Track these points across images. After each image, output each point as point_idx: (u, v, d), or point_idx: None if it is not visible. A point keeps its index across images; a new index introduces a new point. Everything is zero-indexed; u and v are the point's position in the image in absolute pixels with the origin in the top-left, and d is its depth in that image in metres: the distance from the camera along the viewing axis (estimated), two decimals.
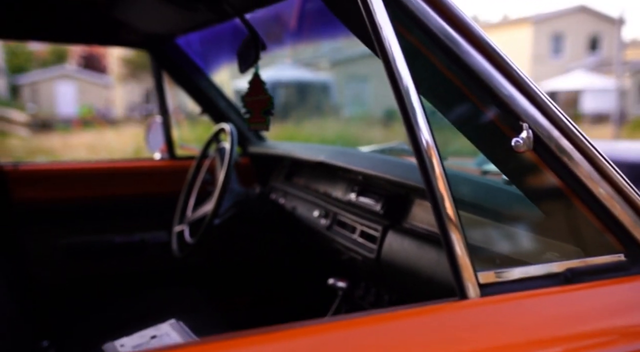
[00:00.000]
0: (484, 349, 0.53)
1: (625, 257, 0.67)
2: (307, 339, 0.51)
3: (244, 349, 0.49)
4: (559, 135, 0.65)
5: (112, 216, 1.75)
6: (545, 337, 0.57)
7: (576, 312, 0.61)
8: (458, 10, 0.63)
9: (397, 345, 0.52)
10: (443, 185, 0.59)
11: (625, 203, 0.66)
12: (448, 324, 0.56)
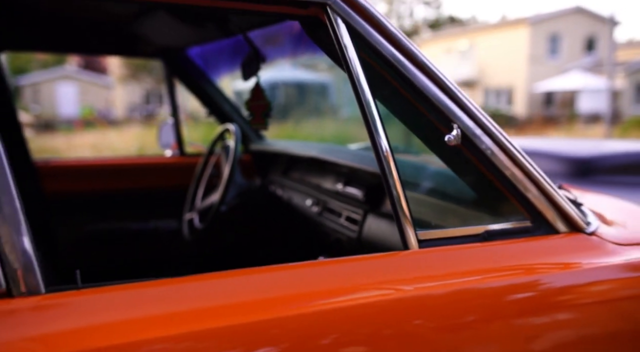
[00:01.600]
0: (416, 280, 0.76)
1: (530, 223, 0.90)
2: (296, 270, 0.74)
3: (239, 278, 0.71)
4: (481, 133, 0.88)
5: (129, 206, 1.98)
6: (465, 275, 0.80)
7: (490, 260, 0.84)
8: (404, 40, 0.86)
9: (358, 277, 0.75)
10: (393, 169, 0.82)
11: (531, 183, 0.90)
12: (392, 266, 0.79)
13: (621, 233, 0.97)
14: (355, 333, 0.70)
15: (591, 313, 0.84)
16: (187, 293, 0.66)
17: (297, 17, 0.86)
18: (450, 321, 0.76)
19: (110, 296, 0.64)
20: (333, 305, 0.70)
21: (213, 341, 0.63)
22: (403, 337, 0.72)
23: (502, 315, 0.78)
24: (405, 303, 0.74)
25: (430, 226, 0.85)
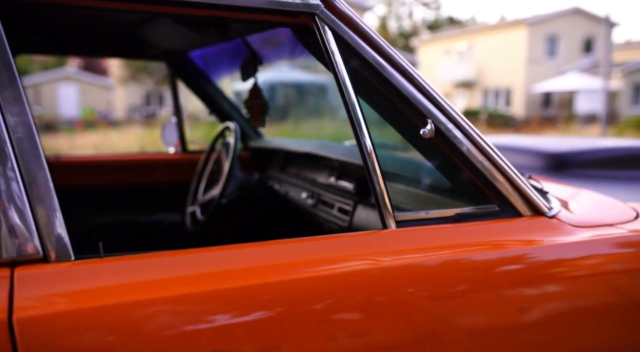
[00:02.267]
0: (393, 253, 0.88)
1: (497, 207, 1.02)
2: (290, 244, 0.86)
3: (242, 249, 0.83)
4: (453, 127, 0.99)
5: (135, 200, 2.09)
6: (436, 250, 0.91)
7: (459, 237, 0.95)
8: (385, 46, 0.98)
9: (343, 249, 0.86)
10: (374, 159, 0.93)
11: (498, 171, 1.01)
12: (373, 242, 0.90)
13: (579, 217, 1.09)
14: (336, 296, 0.81)
15: (550, 285, 0.96)
16: (191, 262, 0.78)
17: (289, 24, 0.98)
18: (424, 289, 0.87)
19: (127, 263, 0.75)
20: (321, 272, 0.82)
21: (212, 302, 0.74)
22: (376, 298, 0.83)
23: (468, 284, 0.89)
24: (383, 272, 0.85)
25: (408, 210, 0.96)
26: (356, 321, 0.82)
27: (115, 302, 0.69)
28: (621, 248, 1.04)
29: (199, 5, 0.88)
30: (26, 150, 0.72)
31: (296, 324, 0.77)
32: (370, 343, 0.82)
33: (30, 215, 0.71)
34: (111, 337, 0.68)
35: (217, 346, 0.72)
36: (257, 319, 0.76)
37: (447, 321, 0.87)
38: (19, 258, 0.69)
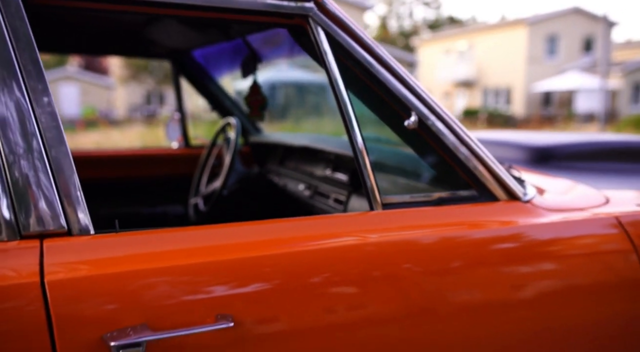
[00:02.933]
0: (379, 231, 0.97)
1: (476, 192, 1.11)
2: (286, 223, 0.95)
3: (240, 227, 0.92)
4: (435, 119, 1.08)
5: (139, 192, 2.19)
6: (417, 228, 1.01)
7: (439, 218, 1.04)
8: (373, 46, 1.07)
9: (334, 227, 0.96)
10: (363, 150, 1.02)
11: (477, 160, 1.10)
12: (362, 221, 1.00)
13: (552, 202, 1.18)
14: (328, 267, 0.90)
15: (522, 263, 1.05)
16: (197, 236, 0.87)
17: (285, 25, 1.07)
18: (407, 262, 0.96)
19: (140, 237, 0.85)
20: (315, 247, 0.91)
21: (214, 271, 0.84)
22: (362, 269, 0.93)
23: (446, 259, 0.99)
24: (370, 247, 0.95)
25: (393, 192, 1.06)
26: (344, 290, 0.91)
27: (129, 270, 0.79)
28: (588, 229, 1.13)
29: (203, 8, 0.97)
30: (52, 138, 0.82)
31: (291, 289, 0.87)
32: (355, 308, 0.92)
33: (57, 195, 0.80)
34: (125, 298, 0.77)
35: (219, 310, 0.82)
36: (258, 289, 0.85)
37: (425, 292, 0.96)
38: (47, 231, 0.79)
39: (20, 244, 0.77)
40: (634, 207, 1.22)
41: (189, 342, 0.79)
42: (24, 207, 0.78)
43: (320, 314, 0.89)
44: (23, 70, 0.82)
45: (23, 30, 0.83)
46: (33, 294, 0.72)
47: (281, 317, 0.87)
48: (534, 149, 1.75)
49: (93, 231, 0.83)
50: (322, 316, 0.89)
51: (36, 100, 0.82)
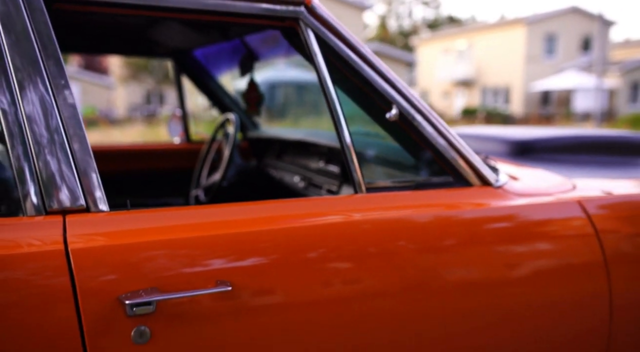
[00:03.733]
0: (363, 210, 1.09)
1: (452, 179, 1.23)
2: (280, 203, 1.07)
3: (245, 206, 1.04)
4: (414, 112, 1.20)
5: (144, 184, 2.30)
6: (397, 209, 1.12)
7: (417, 200, 1.16)
8: (358, 45, 1.18)
9: (323, 207, 1.07)
10: (348, 140, 1.14)
11: (452, 149, 1.22)
12: (348, 202, 1.11)
13: (522, 188, 1.30)
14: (317, 241, 1.02)
15: (492, 242, 1.17)
16: (201, 214, 0.99)
17: (277, 27, 1.18)
18: (387, 238, 1.08)
19: (149, 214, 0.97)
20: (305, 223, 1.03)
21: (213, 244, 0.95)
22: (346, 243, 1.04)
23: (421, 235, 1.11)
24: (354, 224, 1.06)
25: (367, 178, 1.17)
26: (332, 261, 1.02)
27: (139, 241, 0.90)
28: (552, 212, 1.25)
29: (203, 12, 1.09)
30: (72, 128, 0.93)
31: (283, 258, 0.98)
32: (338, 277, 1.03)
33: (77, 178, 0.92)
34: (138, 265, 0.89)
35: (219, 277, 0.93)
36: (254, 258, 0.97)
37: (402, 266, 1.08)
38: (69, 208, 0.90)
39: (46, 219, 0.89)
40: (597, 193, 1.33)
41: (193, 303, 0.90)
42: (49, 188, 0.89)
43: (307, 281, 1.01)
44: (47, 69, 0.93)
45: (47, 32, 0.94)
46: (59, 260, 0.84)
47: (274, 284, 0.98)
48: (515, 142, 1.87)
49: (108, 208, 0.94)
50: (308, 282, 1.01)
51: (59, 95, 0.94)
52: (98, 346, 0.85)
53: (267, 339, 0.97)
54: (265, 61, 1.86)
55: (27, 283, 0.83)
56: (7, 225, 0.88)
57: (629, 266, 1.27)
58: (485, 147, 1.93)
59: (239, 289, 0.94)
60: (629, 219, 1.30)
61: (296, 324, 0.99)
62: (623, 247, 1.26)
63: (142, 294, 0.86)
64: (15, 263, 0.83)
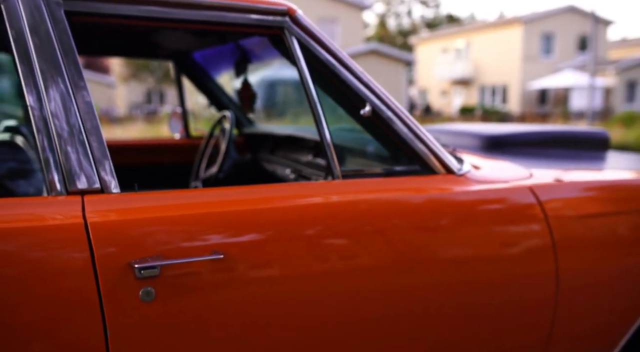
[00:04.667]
0: (339, 193, 1.26)
1: (419, 168, 1.40)
2: (270, 187, 1.24)
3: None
4: (385, 108, 1.37)
5: (146, 177, 2.47)
6: (369, 193, 1.29)
7: (387, 185, 1.33)
8: (337, 51, 1.35)
9: (303, 190, 1.25)
10: (326, 133, 1.31)
11: (419, 141, 1.39)
12: (325, 187, 1.28)
13: (482, 176, 1.47)
14: (301, 218, 1.19)
15: (451, 221, 1.34)
16: (199, 195, 1.16)
17: (265, 34, 1.36)
18: (359, 217, 1.25)
19: (155, 195, 1.14)
20: (291, 203, 1.20)
21: (210, 220, 1.12)
22: (324, 219, 1.21)
23: (389, 214, 1.28)
24: (331, 204, 1.24)
25: (346, 165, 1.34)
26: (308, 235, 1.20)
27: (147, 217, 1.08)
28: (506, 197, 1.42)
29: (202, 22, 1.26)
30: (89, 121, 1.10)
31: (267, 233, 1.16)
32: (316, 249, 1.20)
33: (93, 163, 1.09)
34: (145, 237, 1.06)
35: (213, 248, 1.10)
36: (245, 236, 1.14)
37: (370, 243, 1.25)
38: (86, 189, 1.07)
39: (67, 198, 1.06)
40: (548, 181, 1.51)
41: (191, 268, 1.08)
42: (70, 172, 1.07)
43: (289, 253, 1.18)
44: (68, 72, 1.10)
45: (67, 41, 1.11)
46: (79, 231, 1.01)
47: (261, 256, 1.15)
48: (486, 137, 2.04)
49: (119, 190, 1.11)
50: (290, 254, 1.18)
51: (77, 94, 1.11)
52: (112, 302, 1.02)
53: (252, 303, 1.14)
54: (258, 63, 2.03)
55: (52, 249, 1.00)
56: (35, 203, 1.05)
57: (574, 247, 1.44)
58: (461, 141, 2.10)
59: (229, 258, 1.11)
60: (575, 204, 1.47)
61: (278, 291, 1.17)
62: (569, 229, 1.43)
63: (148, 260, 1.03)
64: (42, 233, 1.00)
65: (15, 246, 0.98)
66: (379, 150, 1.48)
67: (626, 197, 1.53)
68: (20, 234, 0.99)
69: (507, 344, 1.44)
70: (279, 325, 1.17)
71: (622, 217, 1.50)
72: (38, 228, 1.00)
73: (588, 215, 1.46)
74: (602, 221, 1.47)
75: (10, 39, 1.08)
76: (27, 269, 0.98)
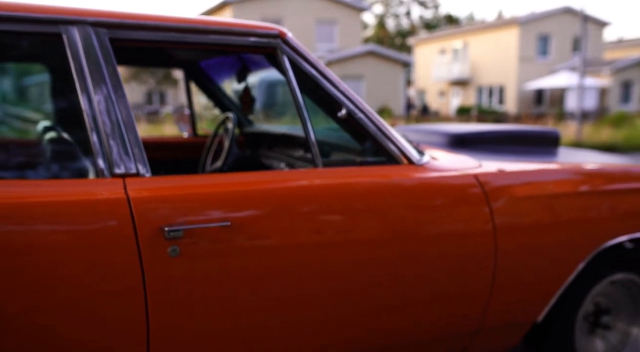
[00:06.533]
0: (320, 177, 1.61)
1: (385, 159, 1.74)
2: (262, 173, 1.58)
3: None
4: (358, 111, 1.71)
5: (158, 170, 2.82)
6: (344, 178, 1.64)
7: (358, 172, 1.67)
8: (320, 66, 1.70)
9: (290, 176, 1.59)
10: (310, 130, 1.66)
11: (386, 138, 1.74)
12: (309, 173, 1.63)
13: (438, 165, 1.81)
14: (289, 198, 1.54)
15: (409, 202, 1.68)
16: (211, 178, 1.51)
17: (261, 53, 1.70)
18: (340, 203, 1.59)
19: (176, 178, 1.48)
20: (281, 185, 1.54)
21: (217, 198, 1.47)
22: (308, 200, 1.56)
23: (360, 196, 1.62)
24: (314, 187, 1.58)
25: (330, 158, 1.68)
26: (298, 209, 1.54)
27: (172, 193, 1.42)
28: (455, 183, 1.77)
29: (210, 44, 1.61)
30: (126, 119, 1.45)
31: (263, 208, 1.50)
32: (302, 222, 1.55)
33: (131, 153, 1.43)
34: (172, 208, 1.40)
35: (223, 215, 1.45)
36: (247, 209, 1.49)
37: (347, 220, 1.60)
38: (126, 173, 1.42)
39: (112, 180, 1.41)
40: (492, 170, 1.86)
41: (207, 232, 1.42)
42: (113, 160, 1.41)
43: (281, 224, 1.52)
44: (110, 82, 1.45)
45: (110, 60, 1.46)
46: (123, 204, 1.36)
47: (261, 226, 1.50)
48: (452, 135, 2.39)
49: (150, 174, 1.46)
50: (281, 225, 1.52)
51: (118, 100, 1.45)
52: (148, 256, 1.37)
53: (252, 260, 1.49)
54: (256, 71, 2.39)
55: (104, 216, 1.35)
56: (89, 183, 1.40)
57: (509, 223, 1.79)
58: (432, 139, 2.45)
59: (235, 226, 1.46)
60: (510, 188, 1.82)
61: (271, 251, 1.51)
62: (505, 208, 1.78)
63: (174, 225, 1.38)
64: (96, 205, 1.35)
65: (76, 214, 1.33)
66: (353, 145, 1.83)
67: (553, 183, 1.89)
68: (80, 205, 1.34)
69: (452, 311, 1.78)
70: (270, 276, 1.52)
71: (549, 200, 1.85)
72: (93, 201, 1.35)
73: (521, 197, 1.81)
74: (533, 203, 1.82)
75: (70, 58, 1.43)
76: (85, 229, 1.33)
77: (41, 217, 1.30)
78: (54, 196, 1.33)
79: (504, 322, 1.87)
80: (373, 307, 1.66)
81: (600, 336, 2.18)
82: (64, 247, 1.31)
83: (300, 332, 1.59)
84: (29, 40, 1.62)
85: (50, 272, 1.30)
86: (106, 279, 1.34)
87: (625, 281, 2.13)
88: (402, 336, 1.74)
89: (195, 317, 1.44)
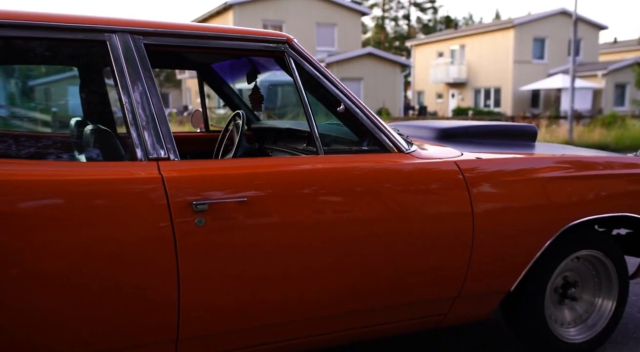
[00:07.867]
0: (322, 162, 1.88)
1: (377, 147, 2.02)
2: (262, 159, 1.86)
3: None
4: (354, 107, 1.99)
5: None
6: (340, 163, 1.92)
7: (354, 157, 1.95)
8: (322, 68, 1.98)
9: (296, 160, 1.87)
10: (313, 123, 1.93)
11: (378, 129, 2.02)
12: (313, 158, 1.91)
13: (424, 154, 2.09)
14: (293, 180, 1.82)
15: (397, 185, 1.96)
16: (228, 161, 1.79)
17: (270, 56, 1.98)
18: (338, 184, 1.87)
19: (199, 162, 1.76)
20: (285, 168, 1.82)
21: (234, 178, 1.74)
22: (311, 183, 1.84)
23: (355, 179, 1.90)
24: (317, 170, 1.86)
25: (329, 146, 1.96)
26: (302, 188, 1.82)
27: (197, 174, 1.70)
28: (438, 169, 2.05)
29: (225, 49, 1.89)
30: (159, 112, 1.72)
31: (273, 187, 1.78)
32: (305, 201, 1.82)
33: (163, 141, 1.71)
34: (199, 186, 1.68)
35: (241, 193, 1.72)
36: (260, 187, 1.76)
37: (345, 201, 1.87)
38: (159, 158, 1.70)
39: (147, 163, 1.68)
40: (471, 158, 2.14)
41: (226, 206, 1.70)
42: (149, 146, 1.69)
43: (287, 202, 1.80)
44: (145, 81, 1.73)
45: (145, 62, 1.74)
46: (159, 182, 1.64)
47: (270, 202, 1.77)
48: (438, 129, 2.67)
49: (179, 158, 1.74)
50: (287, 203, 1.80)
51: (152, 97, 1.73)
52: (179, 224, 1.64)
53: (264, 231, 1.76)
54: (264, 72, 2.67)
55: (142, 195, 1.62)
56: (129, 165, 1.68)
57: (485, 202, 2.07)
58: (420, 133, 2.73)
59: (250, 201, 1.73)
60: (486, 173, 2.10)
61: (280, 223, 1.79)
62: (481, 190, 2.06)
63: (200, 200, 1.66)
64: (136, 183, 1.62)
65: (119, 189, 1.60)
66: (350, 136, 2.11)
67: (524, 171, 2.17)
68: (121, 183, 1.61)
69: (435, 279, 2.06)
70: (280, 244, 1.80)
71: (520, 185, 2.13)
72: (134, 179, 1.63)
73: (496, 182, 2.10)
74: (506, 186, 2.11)
75: (112, 61, 1.71)
76: (126, 203, 1.60)
77: (95, 192, 1.57)
78: (106, 175, 1.61)
79: (480, 290, 2.15)
80: (370, 273, 1.94)
81: (568, 306, 2.46)
82: (116, 214, 1.58)
83: (305, 296, 1.87)
84: (78, 47, 1.91)
85: (102, 235, 1.57)
86: (144, 244, 1.62)
87: (590, 256, 2.42)
88: (395, 298, 2.01)
89: (217, 277, 1.72)
